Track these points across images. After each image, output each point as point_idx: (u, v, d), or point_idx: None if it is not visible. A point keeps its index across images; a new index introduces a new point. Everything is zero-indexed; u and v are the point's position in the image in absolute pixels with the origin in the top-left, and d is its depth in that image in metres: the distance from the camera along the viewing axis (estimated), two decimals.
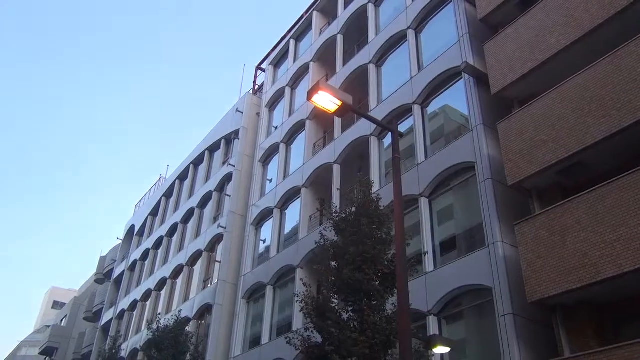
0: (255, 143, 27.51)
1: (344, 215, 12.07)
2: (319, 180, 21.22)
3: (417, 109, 17.42)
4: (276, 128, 26.30)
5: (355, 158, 19.65)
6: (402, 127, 17.71)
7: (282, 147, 24.87)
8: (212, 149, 31.71)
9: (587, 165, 12.31)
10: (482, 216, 13.54)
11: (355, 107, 8.79)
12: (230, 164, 27.47)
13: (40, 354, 47.60)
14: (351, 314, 10.82)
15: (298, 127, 24.32)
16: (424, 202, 15.66)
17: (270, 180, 25.27)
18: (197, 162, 33.13)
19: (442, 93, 17.08)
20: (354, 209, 12.01)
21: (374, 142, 18.83)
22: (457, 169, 15.13)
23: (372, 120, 10.43)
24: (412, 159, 16.92)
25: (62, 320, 49.72)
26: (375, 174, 17.89)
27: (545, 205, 12.67)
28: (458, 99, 16.28)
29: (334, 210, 12.90)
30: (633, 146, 11.54)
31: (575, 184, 12.64)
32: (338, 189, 19.12)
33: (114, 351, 25.05)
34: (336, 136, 21.08)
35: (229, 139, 30.00)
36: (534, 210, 12.95)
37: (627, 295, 11.04)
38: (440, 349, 9.49)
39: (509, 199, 13.67)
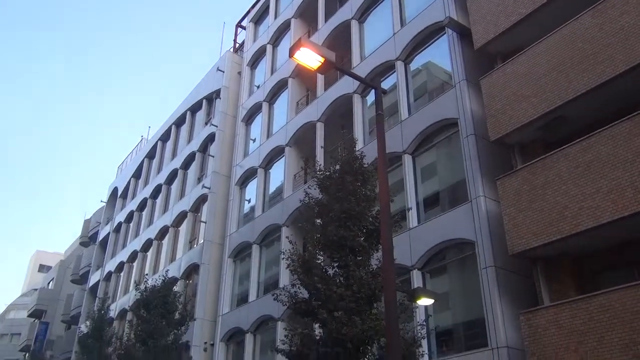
0: (237, 102, 27.21)
1: (328, 173, 12.09)
2: (303, 139, 21.17)
3: (400, 65, 17.30)
4: (258, 87, 25.99)
5: (339, 116, 19.58)
6: (386, 84, 17.62)
7: (265, 106, 24.66)
8: (194, 109, 31.33)
9: (569, 119, 12.44)
10: (465, 172, 13.69)
11: (338, 64, 8.71)
12: (212, 124, 27.22)
13: (29, 316, 47.91)
14: (337, 270, 10.99)
15: (280, 86, 24.06)
16: (407, 159, 15.75)
17: (254, 140, 25.14)
18: (179, 122, 32.76)
19: (425, 49, 16.94)
20: (338, 167, 12.03)
21: (357, 99, 18.74)
22: (441, 126, 15.18)
23: (355, 77, 10.35)
24: (395, 116, 16.91)
25: (49, 283, 49.90)
26: (358, 132, 17.88)
27: (527, 160, 12.83)
28: (441, 55, 16.18)
29: (318, 168, 12.92)
30: (614, 100, 11.66)
31: (557, 138, 12.78)
32: (322, 147, 19.12)
33: (102, 312, 25.29)
34: (319, 94, 20.93)
35: (211, 98, 29.63)
36: (516, 165, 13.12)
37: (605, 245, 11.37)
38: (424, 301, 9.74)
39: (491, 154, 13.80)
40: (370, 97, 18.48)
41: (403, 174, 15.62)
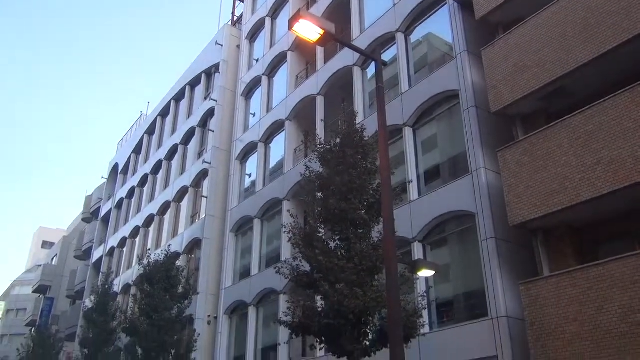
0: (236, 76, 27.00)
1: (328, 147, 12.07)
2: (303, 113, 21.08)
3: (400, 37, 17.11)
4: (257, 60, 25.75)
5: (339, 89, 19.46)
6: (386, 56, 17.43)
7: (264, 80, 24.47)
8: (193, 83, 31.11)
9: (570, 90, 12.35)
10: (466, 144, 13.66)
11: (337, 36, 8.61)
12: (212, 99, 27.07)
13: (34, 292, 48.42)
14: (338, 243, 11.06)
15: (280, 59, 23.84)
16: (408, 132, 15.70)
17: (254, 114, 25.03)
18: (178, 97, 32.57)
19: (425, 20, 16.73)
20: (338, 140, 12.00)
21: (357, 72, 18.59)
22: (441, 98, 15.09)
23: (355, 49, 10.24)
24: (396, 89, 16.80)
25: (52, 259, 50.29)
26: (359, 105, 17.78)
27: (528, 131, 12.78)
28: (442, 26, 15.99)
29: (318, 142, 12.89)
30: (616, 70, 11.56)
31: (558, 109, 12.71)
32: (322, 121, 19.04)
33: (106, 287, 25.54)
34: (319, 67, 20.75)
35: (210, 73, 29.39)
36: (517, 136, 13.08)
37: (605, 216, 11.41)
38: (425, 273, 9.79)
39: (492, 126, 13.75)
40: (371, 70, 18.33)
41: (404, 147, 15.59)
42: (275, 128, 22.61)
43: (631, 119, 10.40)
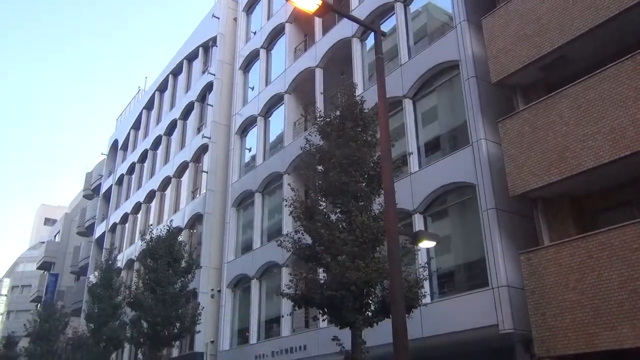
0: (234, 50, 26.74)
1: (328, 120, 12.02)
2: (302, 86, 20.93)
3: (399, 7, 16.87)
4: (255, 33, 25.46)
5: (338, 61, 19.27)
6: (385, 27, 17.25)
7: (262, 52, 24.23)
8: (190, 57, 30.82)
9: (571, 59, 12.23)
10: (466, 115, 13.60)
11: (335, 6, 8.50)
12: (210, 73, 26.85)
13: (38, 268, 48.85)
14: (339, 215, 11.10)
15: (277, 31, 23.56)
16: (408, 103, 15.62)
17: (252, 88, 24.85)
18: (176, 72, 32.31)
19: None
20: (338, 113, 11.95)
21: (356, 43, 18.40)
22: (441, 68, 14.95)
23: (353, 19, 10.13)
24: (395, 60, 16.64)
25: (55, 236, 50.59)
26: (358, 77, 17.65)
27: (529, 101, 12.70)
28: None
29: (318, 115, 12.83)
30: (617, 38, 11.43)
31: (559, 79, 12.61)
32: (321, 93, 18.93)
33: (110, 262, 25.76)
34: (317, 39, 20.52)
35: (207, 46, 29.08)
36: (517, 107, 13.00)
37: (604, 185, 11.44)
38: (426, 244, 9.86)
39: (493, 96, 13.67)
40: (370, 41, 18.13)
41: (404, 119, 15.52)
42: (275, 101, 22.48)
43: (632, 87, 10.33)
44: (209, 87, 27.17)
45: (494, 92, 13.62)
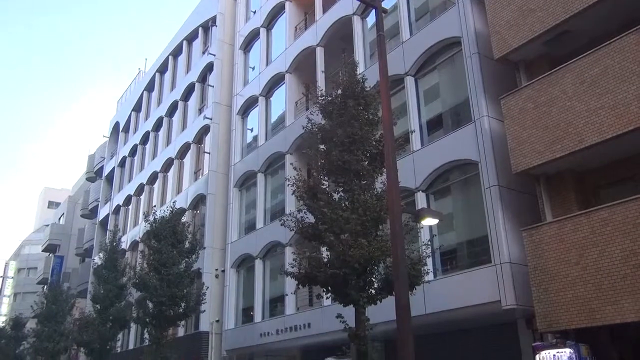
0: (234, 29, 26.52)
1: (330, 98, 11.96)
2: (303, 65, 20.79)
3: None
4: (255, 12, 25.21)
5: (339, 40, 19.11)
6: (386, 4, 17.00)
7: (263, 32, 24.02)
8: (190, 38, 30.59)
9: (575, 34, 12.10)
10: (469, 92, 13.52)
11: None
12: (210, 53, 26.67)
13: (44, 251, 49.19)
14: (342, 194, 11.11)
15: (277, 10, 23.33)
16: (409, 81, 15.52)
17: (253, 68, 24.71)
18: (176, 53, 32.10)
19: None
20: (339, 91, 11.88)
21: (357, 21, 18.22)
22: (443, 45, 14.82)
23: None
24: (396, 38, 16.49)
25: (59, 219, 50.83)
26: (359, 55, 17.52)
27: (532, 78, 12.61)
28: None
29: (319, 94, 12.76)
30: (622, 12, 11.28)
31: (563, 54, 12.49)
32: (323, 72, 18.81)
33: (114, 244, 25.90)
34: (318, 17, 20.33)
35: (207, 26, 28.83)
36: (520, 83, 12.91)
37: (608, 161, 11.40)
38: (428, 221, 9.87)
39: (495, 73, 13.56)
40: (371, 19, 17.94)
41: (405, 97, 15.44)
42: (276, 81, 22.36)
43: (637, 61, 10.23)
44: (209, 68, 27.01)
45: (497, 68, 13.51)
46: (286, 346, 18.42)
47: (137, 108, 36.61)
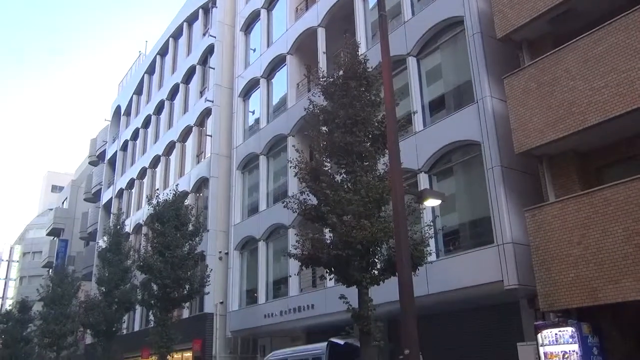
0: (234, 10, 26.29)
1: (331, 80, 11.90)
2: (304, 46, 20.64)
3: None
4: None
5: (340, 20, 18.94)
6: None
7: (263, 12, 23.82)
8: (190, 20, 30.38)
9: (579, 12, 11.96)
10: (471, 72, 13.43)
11: None
12: (210, 35, 26.50)
13: (48, 235, 49.48)
14: (344, 176, 11.11)
15: None
16: (412, 62, 15.42)
17: (254, 50, 24.55)
18: (176, 35, 31.91)
19: None
20: (341, 73, 11.81)
21: (358, 1, 18.06)
22: (445, 25, 14.69)
23: None
24: (398, 18, 16.34)
25: (63, 203, 51.03)
26: (361, 36, 17.38)
27: (535, 57, 12.50)
28: None
29: (321, 75, 12.69)
30: None
31: (567, 33, 12.36)
32: (324, 53, 18.68)
33: (118, 227, 26.04)
34: None
35: (207, 8, 28.61)
36: (523, 62, 12.81)
37: (611, 141, 11.35)
38: (431, 202, 9.84)
39: (498, 53, 13.46)
40: None
41: (408, 77, 15.35)
42: (277, 63, 22.23)
43: None
44: (210, 50, 26.86)
45: (500, 48, 13.40)
46: (290, 327, 18.59)
47: (138, 91, 36.50)
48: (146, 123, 33.70)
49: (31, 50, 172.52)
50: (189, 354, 23.05)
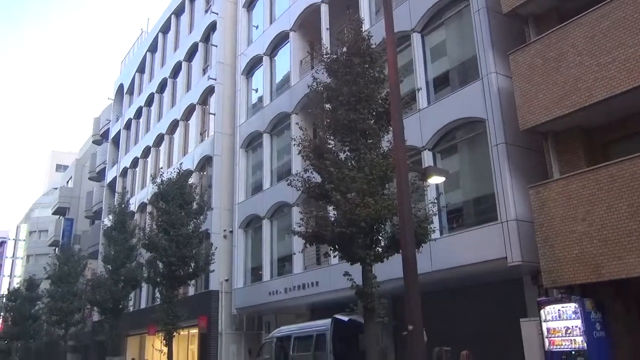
0: None
1: (335, 56, 11.80)
2: (308, 23, 20.41)
3: None
4: None
5: None
6: None
7: None
8: None
9: None
10: (476, 48, 13.28)
11: None
12: (213, 12, 26.22)
13: (54, 214, 49.78)
14: (348, 153, 11.09)
15: None
16: (416, 38, 15.25)
17: (257, 27, 24.30)
18: (178, 12, 31.59)
19: None
20: (345, 49, 11.70)
21: None
22: (450, 0, 14.47)
23: None
24: None
25: (68, 182, 51.21)
26: (365, 12, 17.16)
27: (541, 32, 12.32)
28: None
29: (324, 52, 12.57)
30: None
31: (574, 7, 12.16)
32: (327, 29, 18.48)
33: (123, 206, 26.17)
34: None
35: None
36: (529, 38, 12.64)
37: (617, 117, 11.25)
38: (435, 179, 9.83)
39: (504, 28, 13.27)
40: None
41: (412, 54, 15.20)
42: (280, 40, 22.03)
43: None
44: (212, 27, 26.61)
45: (505, 23, 13.22)
46: (295, 304, 18.76)
47: (140, 69, 36.30)
48: (149, 101, 33.59)
49: (32, 27, 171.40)
50: (195, 331, 23.35)
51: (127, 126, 36.94)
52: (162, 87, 32.00)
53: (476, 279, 12.93)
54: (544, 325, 10.63)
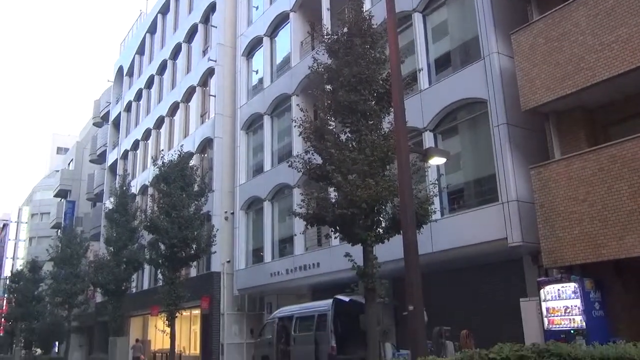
0: None
1: (336, 37, 11.71)
2: (308, 3, 20.20)
3: None
4: None
5: None
6: None
7: None
8: None
9: None
10: (478, 28, 13.16)
11: None
12: None
13: (55, 196, 49.89)
14: (349, 135, 11.07)
15: None
16: (417, 18, 15.11)
17: (257, 7, 24.08)
18: None
19: None
20: (345, 30, 11.61)
21: None
22: None
23: None
24: None
25: (69, 164, 51.23)
26: None
27: (544, 11, 12.20)
28: None
29: (325, 32, 12.48)
30: None
31: None
32: (328, 10, 18.32)
33: (124, 188, 26.21)
34: None
35: None
36: (532, 17, 12.53)
37: (618, 97, 11.20)
38: (436, 160, 9.83)
39: (506, 8, 13.15)
40: None
41: (413, 34, 15.07)
42: (280, 20, 21.84)
43: None
44: (212, 7, 26.36)
45: (507, 3, 13.09)
46: (296, 285, 18.89)
47: (140, 51, 36.05)
48: (149, 83, 33.42)
49: (32, 9, 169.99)
50: (197, 312, 23.55)
51: (128, 108, 36.81)
52: (162, 69, 31.81)
53: (477, 259, 12.99)
54: (544, 305, 10.71)
